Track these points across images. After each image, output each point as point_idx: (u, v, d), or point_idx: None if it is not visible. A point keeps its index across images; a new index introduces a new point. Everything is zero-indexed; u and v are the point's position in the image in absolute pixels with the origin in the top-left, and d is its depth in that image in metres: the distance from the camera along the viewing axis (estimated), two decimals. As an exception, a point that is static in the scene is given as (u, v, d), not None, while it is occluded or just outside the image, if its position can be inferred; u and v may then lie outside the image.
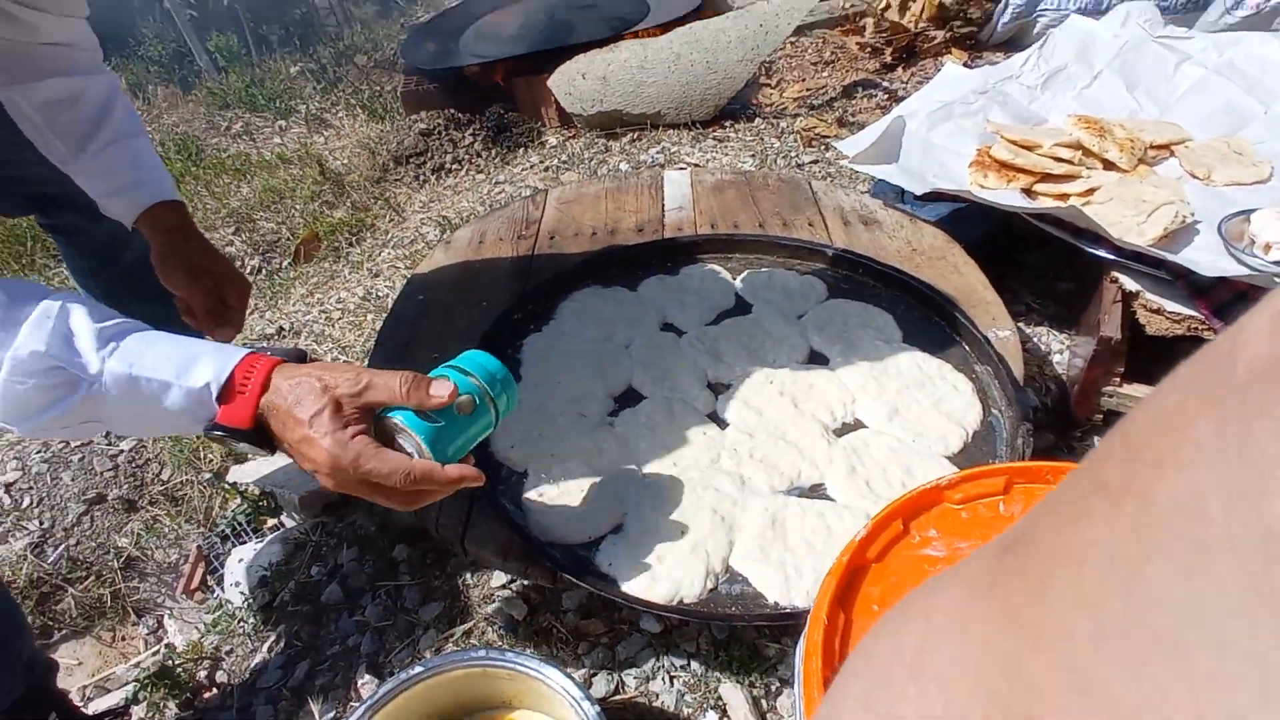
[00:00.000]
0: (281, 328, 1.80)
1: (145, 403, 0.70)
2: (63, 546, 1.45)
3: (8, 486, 1.58)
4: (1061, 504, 0.22)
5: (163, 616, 1.38)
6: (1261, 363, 0.17)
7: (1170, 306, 1.08)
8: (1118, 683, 0.18)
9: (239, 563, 1.30)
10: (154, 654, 1.31)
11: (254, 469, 1.41)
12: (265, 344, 1.76)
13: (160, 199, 1.03)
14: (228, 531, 1.41)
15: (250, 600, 1.23)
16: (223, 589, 1.32)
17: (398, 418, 0.72)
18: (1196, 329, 1.07)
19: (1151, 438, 0.19)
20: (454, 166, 2.29)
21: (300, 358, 1.68)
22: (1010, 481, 0.69)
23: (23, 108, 0.97)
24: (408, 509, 0.74)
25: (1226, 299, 1.04)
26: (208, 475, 1.51)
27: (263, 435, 0.71)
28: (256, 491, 1.38)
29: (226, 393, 0.70)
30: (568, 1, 2.77)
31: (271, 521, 1.39)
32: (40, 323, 0.67)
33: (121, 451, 1.60)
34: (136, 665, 1.31)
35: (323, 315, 1.80)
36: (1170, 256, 1.05)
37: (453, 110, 2.44)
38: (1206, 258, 1.09)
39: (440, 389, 0.72)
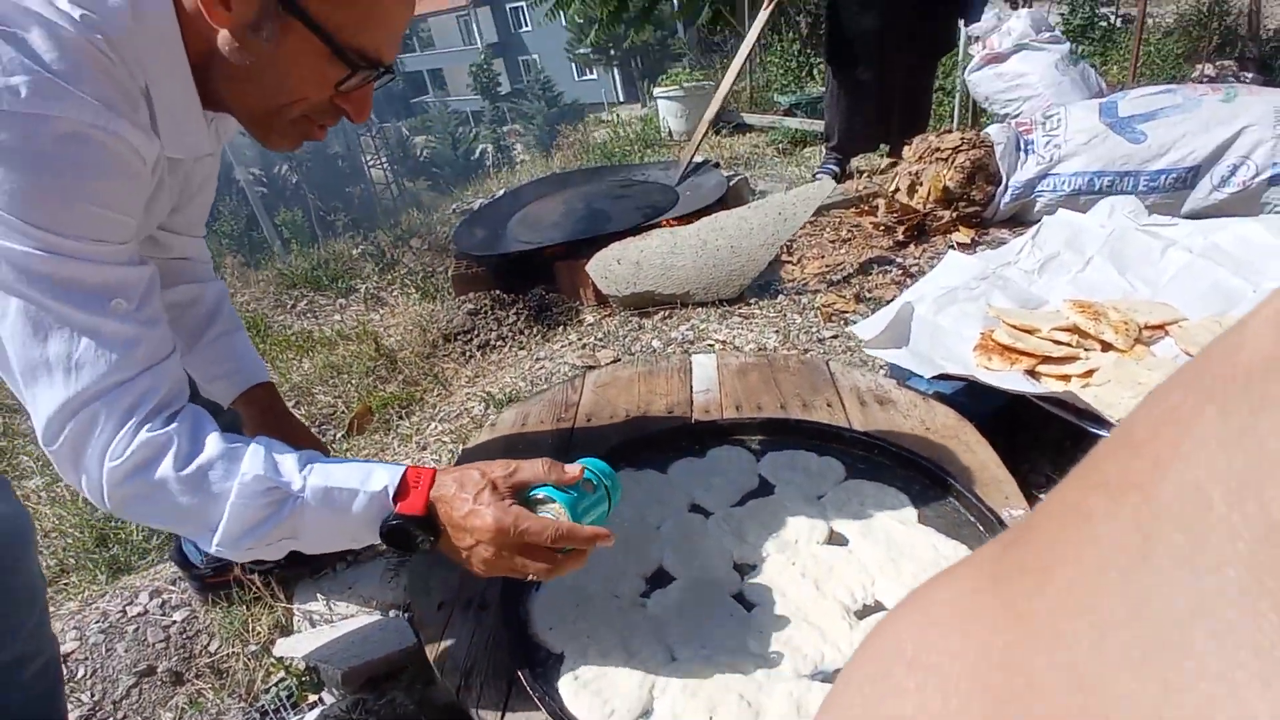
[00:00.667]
0: (333, 499, 1.91)
1: (336, 511, 0.84)
2: (111, 721, 1.49)
3: (66, 657, 1.64)
4: (1063, 501, 0.22)
5: (199, 799, 1.40)
6: (1262, 358, 0.17)
7: (1176, 486, 1.13)
8: (1120, 679, 0.17)
9: (280, 741, 1.33)
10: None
11: (301, 642, 1.47)
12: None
13: (256, 382, 1.20)
14: (267, 708, 1.44)
15: (289, 781, 1.25)
16: (261, 768, 1.34)
17: (541, 493, 0.89)
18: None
19: (1152, 433, 0.19)
20: (498, 343, 2.48)
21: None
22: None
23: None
24: (550, 575, 0.87)
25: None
26: (254, 647, 1.56)
27: (432, 522, 0.86)
28: (301, 666, 1.43)
29: (401, 491, 0.86)
30: (604, 191, 3.08)
31: (313, 698, 1.42)
32: (256, 453, 0.83)
33: (174, 622, 1.67)
34: None
35: (372, 487, 1.90)
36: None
37: (498, 291, 2.67)
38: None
39: (571, 468, 0.91)
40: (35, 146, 0.71)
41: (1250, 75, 5.96)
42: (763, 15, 3.34)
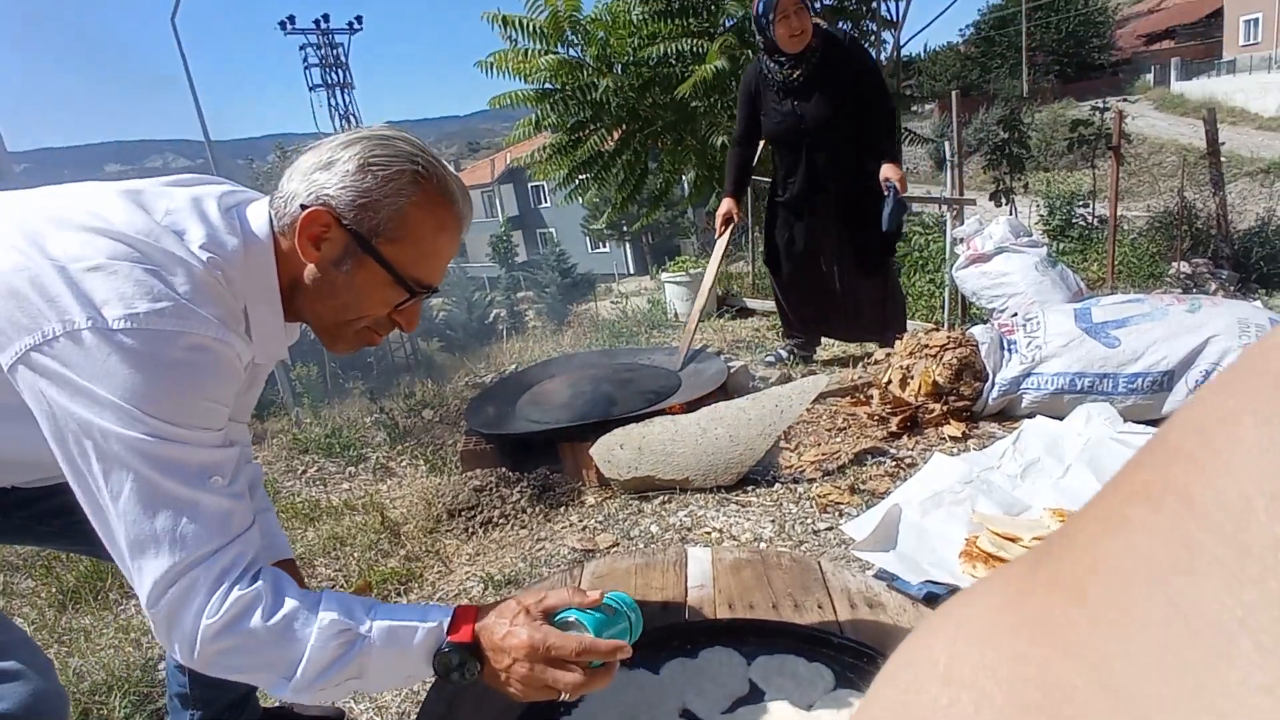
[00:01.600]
0: (324, 683, 1.88)
1: (398, 645, 0.95)
2: None
3: None
4: (1099, 511, 0.22)
5: None
6: None
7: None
8: (1160, 696, 0.17)
9: None
10: None
11: None
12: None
13: (282, 558, 1.28)
14: None
15: None
16: None
17: (570, 616, 1.02)
18: None
19: (1191, 437, 0.19)
20: (501, 521, 2.52)
21: (339, 716, 1.75)
22: None
23: None
24: (579, 691, 0.97)
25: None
26: None
27: (477, 649, 0.97)
28: None
29: (452, 625, 0.98)
30: (610, 375, 3.24)
31: None
32: (329, 601, 0.94)
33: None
34: None
35: (364, 672, 1.89)
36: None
37: (504, 468, 2.75)
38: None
39: (593, 594, 1.05)
40: (167, 355, 0.88)
41: (1225, 273, 6.33)
42: (721, 241, 3.74)
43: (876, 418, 2.87)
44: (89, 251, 0.88)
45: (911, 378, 2.90)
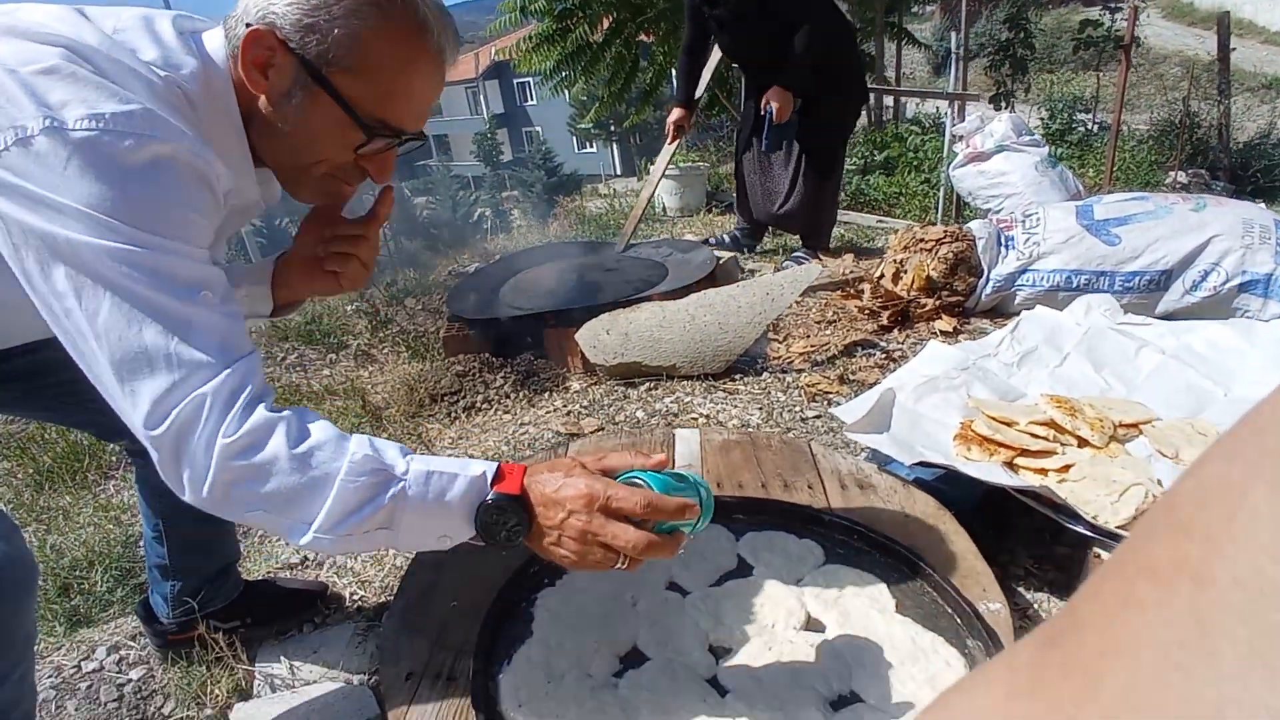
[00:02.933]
0: (306, 557, 1.87)
1: (435, 497, 0.86)
2: (55, 784, 1.42)
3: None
4: (1106, 591, 0.20)
5: None
6: None
7: (1150, 586, 1.14)
8: None
9: (229, 816, 1.27)
10: None
11: (260, 709, 1.42)
12: (288, 573, 1.82)
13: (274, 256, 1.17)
14: (220, 777, 1.38)
15: None
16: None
17: (634, 477, 0.90)
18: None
19: (1200, 511, 0.18)
20: (484, 406, 2.48)
21: (321, 592, 1.73)
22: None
23: None
24: (640, 558, 0.88)
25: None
26: (210, 712, 1.50)
27: (526, 504, 0.88)
28: (259, 734, 1.38)
29: (497, 478, 0.89)
30: (595, 265, 3.14)
31: (269, 767, 1.37)
32: (361, 439, 0.86)
33: (130, 681, 1.62)
34: None
35: (346, 548, 1.88)
36: (1140, 540, 1.13)
37: (488, 354, 2.69)
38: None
39: (657, 455, 0.94)
40: (136, 160, 0.78)
41: (1221, 184, 6.23)
42: (667, 149, 3.76)
43: (867, 311, 2.82)
44: (40, 55, 0.77)
45: (905, 272, 2.83)
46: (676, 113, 3.65)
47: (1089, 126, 7.41)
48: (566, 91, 8.40)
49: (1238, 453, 0.18)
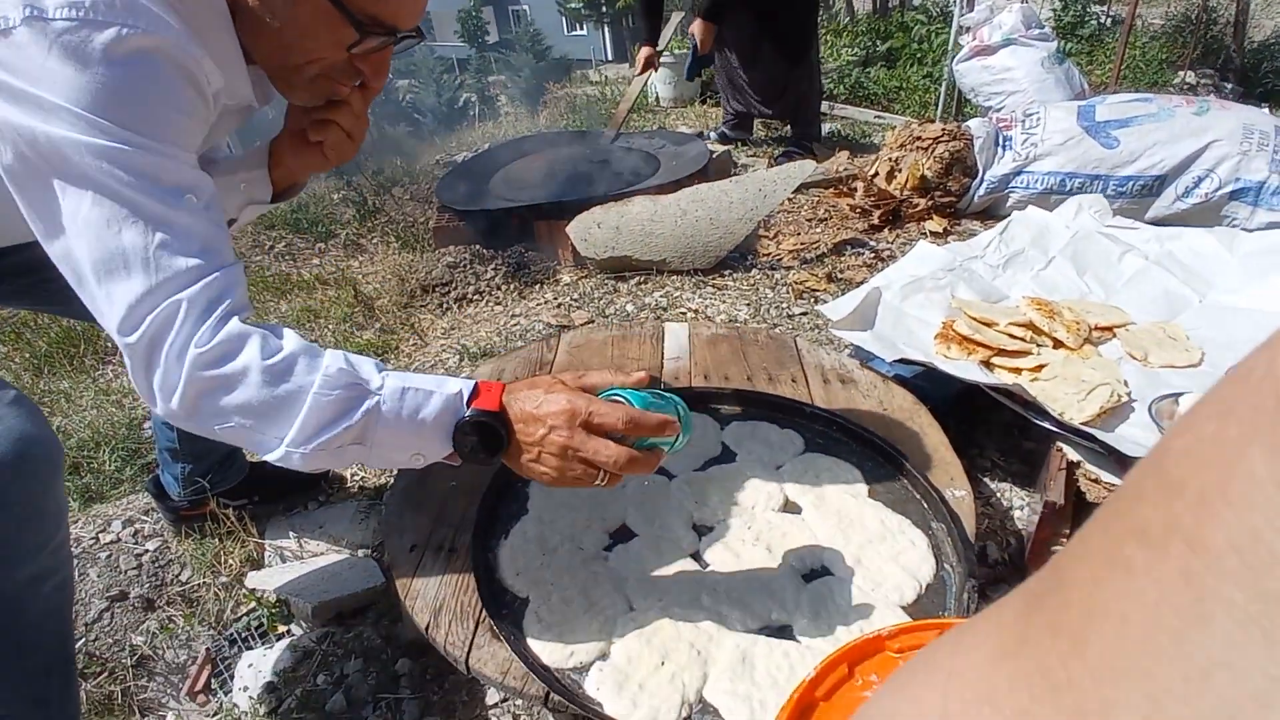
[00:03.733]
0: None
1: (409, 414, 0.85)
2: (82, 641, 1.53)
3: (34, 580, 1.67)
4: (1093, 550, 0.20)
5: (165, 717, 1.45)
6: None
7: (1105, 477, 1.22)
8: None
9: (249, 667, 1.38)
10: (153, 755, 1.37)
11: (273, 576, 1.52)
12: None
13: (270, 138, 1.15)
14: (236, 636, 1.49)
15: (256, 706, 1.31)
16: (226, 693, 1.40)
17: (613, 395, 0.89)
18: (1128, 499, 1.20)
19: (1194, 471, 0.18)
20: (475, 297, 2.50)
21: (324, 473, 1.80)
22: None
23: None
24: (620, 473, 0.87)
25: (1152, 474, 1.18)
26: (225, 579, 1.61)
27: (504, 421, 0.87)
28: (273, 598, 1.48)
29: (474, 395, 0.88)
30: (587, 156, 3.09)
31: (282, 629, 1.48)
32: (335, 353, 0.85)
33: (146, 551, 1.71)
34: (137, 765, 1.37)
35: (345, 432, 1.95)
36: (1099, 434, 1.20)
37: (478, 245, 2.69)
38: (1137, 433, 1.25)
39: (638, 374, 0.93)
40: (120, 52, 0.74)
41: (1230, 85, 6.09)
42: (637, 80, 3.67)
43: (859, 209, 2.82)
44: None
45: (899, 170, 2.81)
46: (643, 53, 3.56)
47: (1102, 20, 7.13)
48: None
49: (1231, 409, 0.17)
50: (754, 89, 3.65)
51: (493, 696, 1.21)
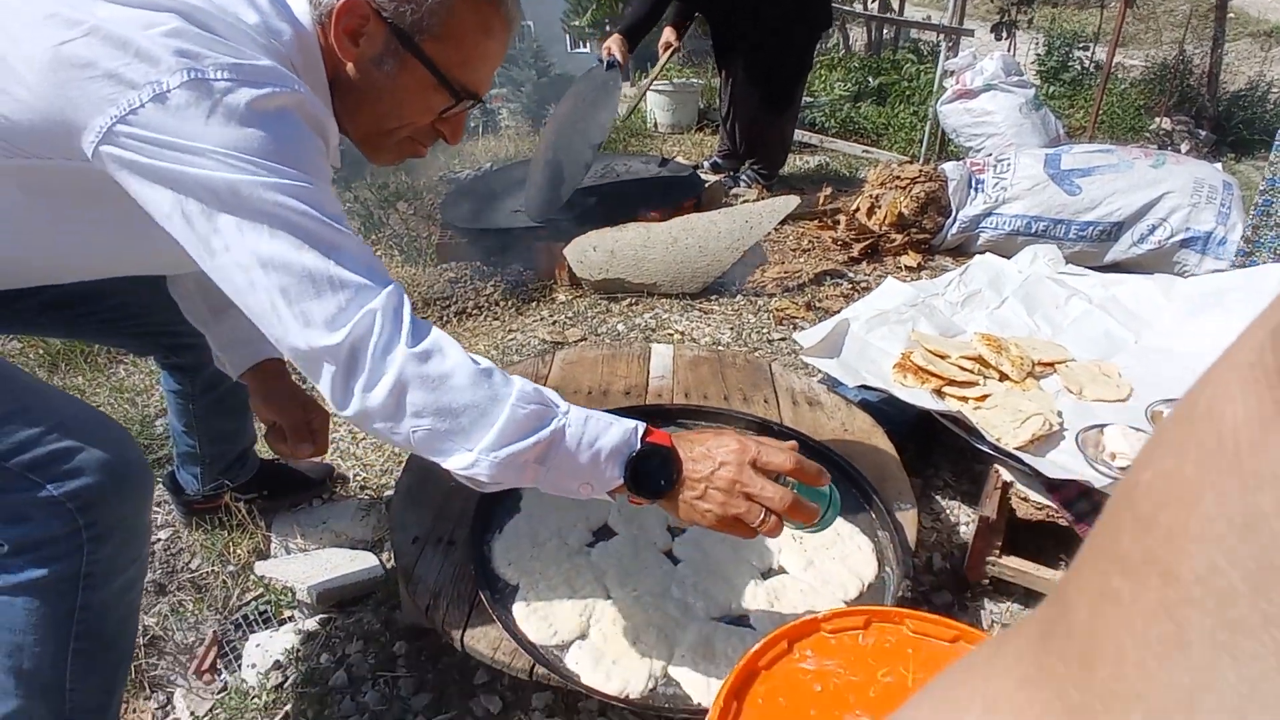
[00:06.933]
0: (311, 443, 2.07)
1: (589, 441, 0.88)
2: (100, 620, 1.65)
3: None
4: (1087, 579, 0.22)
5: (173, 693, 1.57)
6: (1243, 423, 0.18)
7: (1033, 496, 1.37)
8: None
9: (255, 648, 1.51)
10: (161, 728, 1.49)
11: (280, 565, 1.65)
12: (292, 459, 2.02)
13: (266, 356, 1.33)
14: (242, 620, 1.62)
15: (263, 681, 1.44)
16: (232, 672, 1.52)
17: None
18: (1052, 516, 1.36)
19: (1159, 508, 0.19)
20: (474, 312, 2.65)
21: (328, 473, 1.94)
22: (869, 620, 0.95)
23: (184, 280, 1.30)
24: (783, 518, 0.91)
25: (1072, 495, 1.33)
26: (233, 567, 1.73)
27: (674, 457, 0.90)
28: (279, 585, 1.61)
29: (647, 433, 0.92)
30: (588, 179, 3.24)
31: (287, 614, 1.60)
32: (518, 377, 0.90)
33: (159, 540, 1.83)
34: (146, 736, 1.49)
35: (349, 434, 2.08)
36: (1028, 458, 1.36)
37: (479, 263, 2.84)
38: (1064, 459, 1.40)
39: (811, 464, 0.96)
40: (271, 106, 0.80)
41: (1204, 133, 6.33)
42: (663, 58, 3.77)
43: (840, 242, 2.99)
44: (158, 19, 0.78)
45: (879, 207, 2.99)
46: (666, 34, 3.64)
47: (1085, 65, 7.39)
48: (564, -12, 8.14)
49: (1185, 448, 0.19)
50: (738, 128, 3.82)
51: (481, 677, 1.34)
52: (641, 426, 0.92)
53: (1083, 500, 1.33)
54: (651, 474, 0.90)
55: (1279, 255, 2.06)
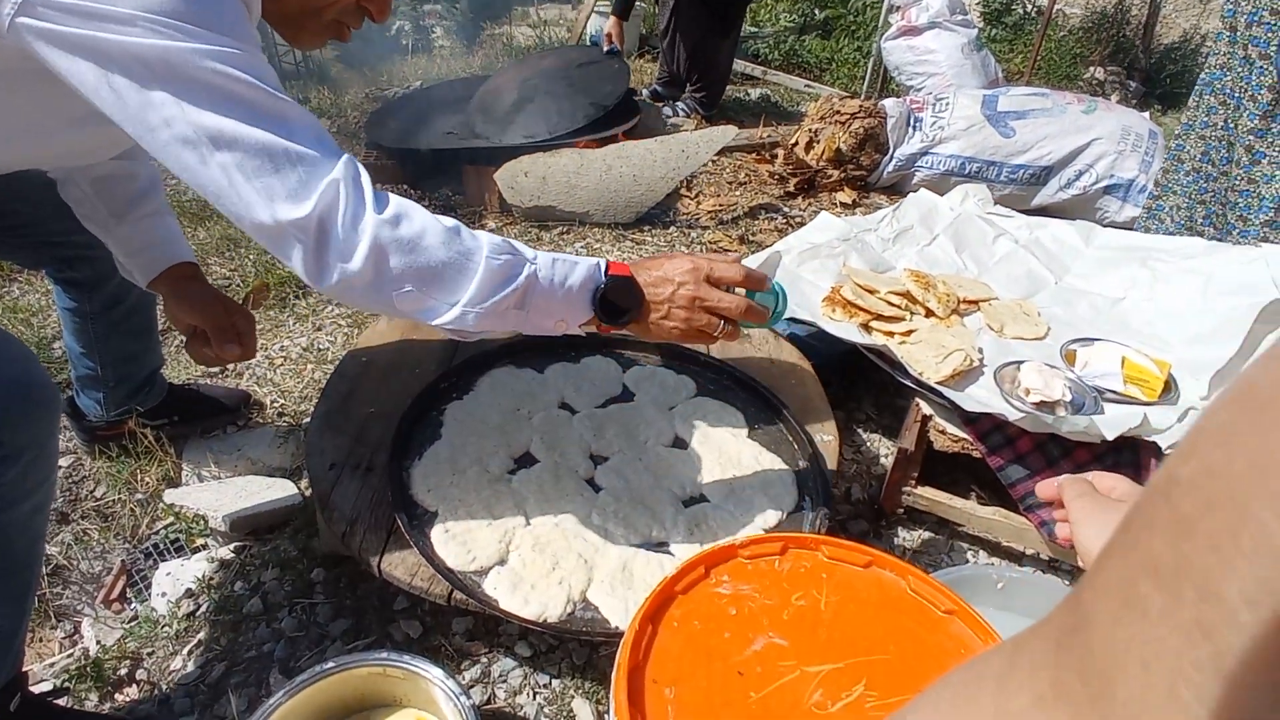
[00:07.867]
0: (225, 368, 1.98)
1: (559, 281, 0.93)
2: (-6, 549, 1.57)
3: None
4: (1111, 585, 0.20)
5: (80, 623, 1.51)
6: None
7: (950, 429, 1.41)
8: None
9: (166, 576, 1.46)
10: (68, 656, 1.44)
11: (191, 493, 1.58)
12: (207, 381, 1.93)
13: (183, 260, 1.25)
14: (151, 549, 1.56)
15: (175, 609, 1.39)
16: (142, 601, 1.47)
17: None
18: (967, 448, 1.40)
19: (1204, 511, 0.17)
20: (401, 237, 2.54)
21: (244, 399, 1.86)
22: (786, 546, 0.97)
23: (79, 182, 1.19)
24: (739, 322, 1.01)
25: (987, 428, 1.38)
26: (142, 496, 1.66)
27: (635, 284, 0.97)
28: (190, 513, 1.55)
29: (608, 266, 0.97)
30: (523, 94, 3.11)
31: (199, 542, 1.55)
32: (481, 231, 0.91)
33: (61, 467, 1.74)
34: (51, 665, 1.43)
35: (265, 360, 1.99)
36: (949, 392, 1.39)
37: (406, 185, 2.71)
38: (981, 393, 1.44)
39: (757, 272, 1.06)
40: None
41: (1134, 85, 6.48)
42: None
43: (777, 176, 2.97)
44: None
45: (818, 142, 2.97)
46: (613, 21, 3.56)
47: (1028, 8, 7.42)
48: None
49: (1240, 439, 0.17)
50: (680, 50, 3.73)
51: (400, 603, 1.33)
52: (604, 261, 0.97)
53: (996, 433, 1.37)
54: (618, 303, 0.96)
55: (1190, 197, 2.13)
